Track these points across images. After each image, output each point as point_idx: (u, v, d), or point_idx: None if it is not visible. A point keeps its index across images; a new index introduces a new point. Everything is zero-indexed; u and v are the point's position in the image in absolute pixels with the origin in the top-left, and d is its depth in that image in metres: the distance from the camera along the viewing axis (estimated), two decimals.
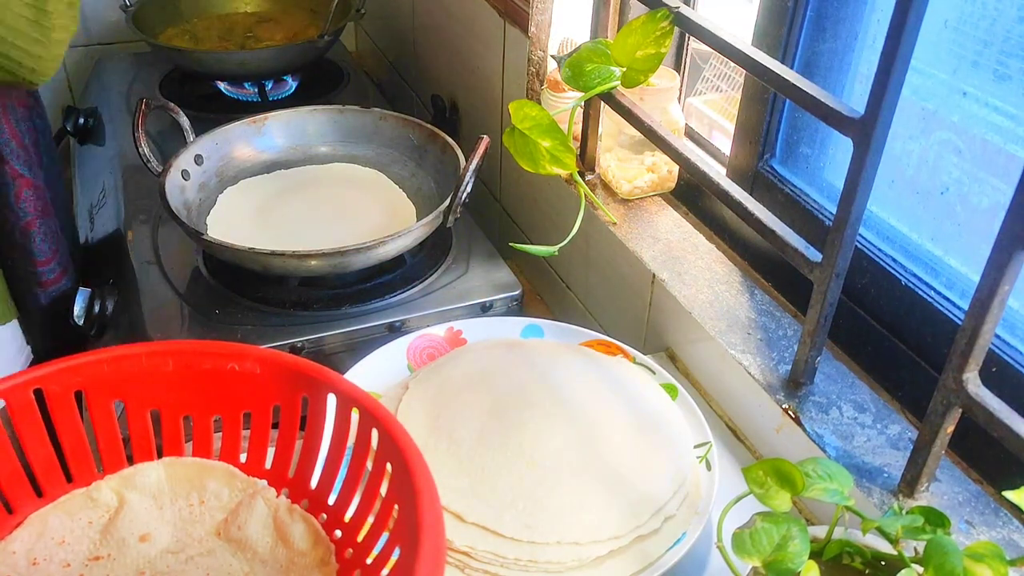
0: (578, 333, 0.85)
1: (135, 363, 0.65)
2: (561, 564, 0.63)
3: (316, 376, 0.65)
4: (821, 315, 0.67)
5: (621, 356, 0.82)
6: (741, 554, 0.53)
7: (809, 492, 0.55)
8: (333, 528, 0.63)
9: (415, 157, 1.09)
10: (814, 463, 0.56)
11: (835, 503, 0.55)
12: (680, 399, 0.77)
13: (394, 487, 0.58)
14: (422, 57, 1.44)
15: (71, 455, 0.65)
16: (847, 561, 0.57)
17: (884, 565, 0.55)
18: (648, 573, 0.63)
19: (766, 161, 0.88)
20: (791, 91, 0.66)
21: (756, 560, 0.52)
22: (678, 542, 0.66)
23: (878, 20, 0.75)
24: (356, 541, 0.61)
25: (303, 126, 1.12)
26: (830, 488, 0.55)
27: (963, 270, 0.71)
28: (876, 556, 0.56)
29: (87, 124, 1.34)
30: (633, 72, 0.81)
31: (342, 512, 0.63)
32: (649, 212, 0.95)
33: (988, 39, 0.65)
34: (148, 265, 0.99)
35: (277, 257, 0.88)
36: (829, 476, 0.56)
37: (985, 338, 0.55)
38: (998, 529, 0.62)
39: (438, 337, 0.85)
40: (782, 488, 0.55)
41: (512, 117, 0.83)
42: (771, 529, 0.53)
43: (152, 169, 0.98)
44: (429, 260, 1.00)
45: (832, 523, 0.56)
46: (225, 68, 1.33)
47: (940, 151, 0.70)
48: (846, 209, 0.62)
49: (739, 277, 0.86)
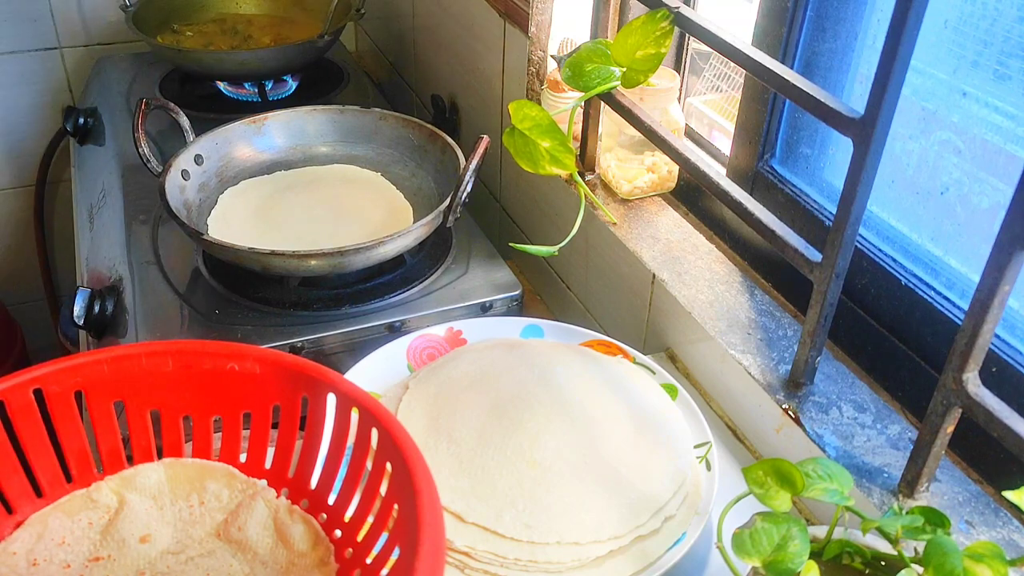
0: (578, 333, 0.85)
1: (135, 363, 0.65)
2: (561, 564, 0.63)
3: (316, 376, 0.64)
4: (821, 315, 0.67)
5: (621, 356, 0.82)
6: (741, 554, 0.53)
7: (809, 492, 0.55)
8: (333, 528, 0.63)
9: (415, 157, 1.09)
10: (814, 463, 0.56)
11: (835, 503, 0.55)
12: (680, 399, 0.77)
13: (394, 487, 0.58)
14: (422, 57, 1.44)
15: (71, 456, 0.65)
16: (847, 561, 0.57)
17: (884, 565, 0.55)
18: (648, 573, 0.63)
19: (766, 161, 0.88)
20: (791, 91, 0.66)
21: (756, 560, 0.52)
22: (678, 542, 0.65)
23: (878, 20, 0.75)
24: (356, 541, 0.61)
25: (303, 126, 1.12)
26: (830, 488, 0.55)
27: (963, 270, 0.71)
28: (876, 556, 0.56)
29: (87, 124, 1.34)
30: (633, 72, 0.81)
31: (342, 512, 0.63)
32: (649, 212, 0.95)
33: (988, 39, 0.65)
34: (148, 265, 0.99)
35: (277, 257, 0.88)
36: (829, 476, 0.56)
37: (985, 338, 0.55)
38: (998, 529, 0.62)
39: (438, 337, 0.85)
40: (782, 488, 0.55)
41: (512, 117, 0.83)
42: (771, 529, 0.53)
43: (152, 169, 0.98)
44: (429, 260, 1.00)
45: (832, 523, 0.56)
46: (225, 68, 1.33)
47: (940, 151, 0.70)
48: (846, 209, 0.62)
49: (739, 277, 0.86)
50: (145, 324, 0.90)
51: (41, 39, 1.57)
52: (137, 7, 1.38)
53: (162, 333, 0.89)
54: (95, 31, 1.59)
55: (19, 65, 1.57)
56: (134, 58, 1.50)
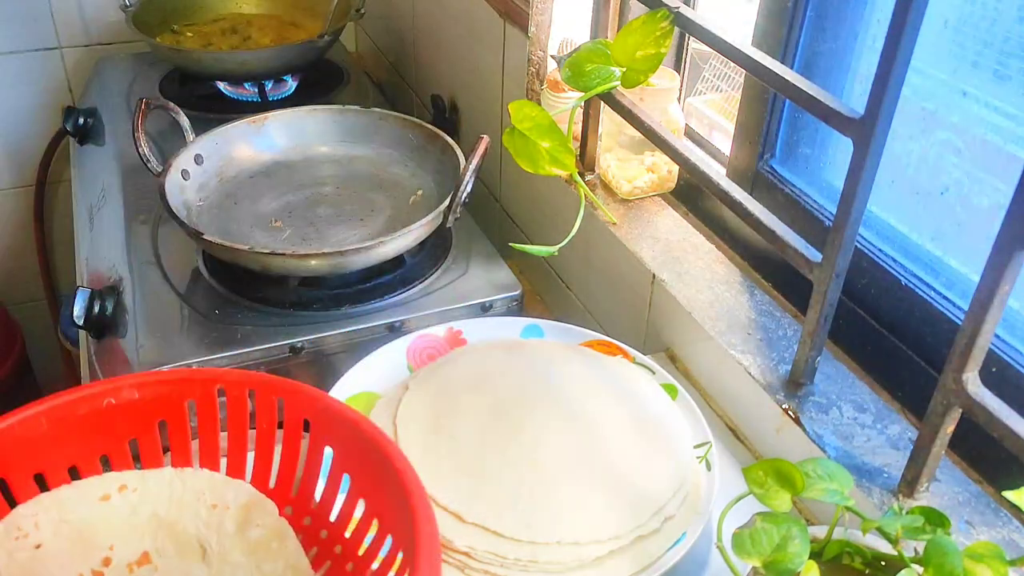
0: (578, 333, 0.85)
1: (7, 435, 0.61)
2: (561, 564, 0.63)
3: (198, 377, 0.64)
4: (821, 315, 0.67)
5: (621, 356, 0.82)
6: (741, 554, 0.53)
7: (809, 492, 0.55)
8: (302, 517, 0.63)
9: (415, 157, 1.09)
10: (814, 463, 0.56)
11: (835, 503, 0.55)
12: (680, 399, 0.77)
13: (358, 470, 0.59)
14: (422, 57, 1.44)
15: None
16: (847, 561, 0.57)
17: (884, 565, 0.55)
18: (648, 573, 0.63)
19: (766, 161, 0.88)
20: (791, 91, 0.66)
21: (756, 560, 0.52)
22: (678, 542, 0.65)
23: (878, 20, 0.75)
24: (343, 536, 0.61)
25: (303, 126, 1.12)
26: (830, 488, 0.55)
27: (963, 270, 0.71)
28: (876, 556, 0.56)
29: (87, 124, 1.34)
30: (633, 72, 0.81)
31: (316, 505, 0.63)
32: (649, 212, 0.95)
33: (988, 39, 0.65)
34: (148, 265, 0.99)
35: (277, 257, 0.88)
36: (829, 476, 0.56)
37: (985, 338, 0.55)
38: (998, 529, 0.62)
39: (438, 337, 0.85)
40: (782, 488, 0.55)
41: (512, 117, 0.83)
42: (771, 529, 0.53)
43: (152, 169, 0.98)
44: (429, 260, 1.00)
45: (832, 523, 0.56)
46: (225, 68, 1.33)
47: (940, 151, 0.70)
48: (846, 209, 0.62)
49: (739, 277, 0.86)
50: (145, 324, 0.90)
51: (41, 39, 1.57)
52: (137, 7, 1.38)
53: (162, 333, 0.89)
54: (95, 31, 1.59)
55: (19, 65, 1.57)
56: (134, 58, 1.50)
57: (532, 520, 0.65)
